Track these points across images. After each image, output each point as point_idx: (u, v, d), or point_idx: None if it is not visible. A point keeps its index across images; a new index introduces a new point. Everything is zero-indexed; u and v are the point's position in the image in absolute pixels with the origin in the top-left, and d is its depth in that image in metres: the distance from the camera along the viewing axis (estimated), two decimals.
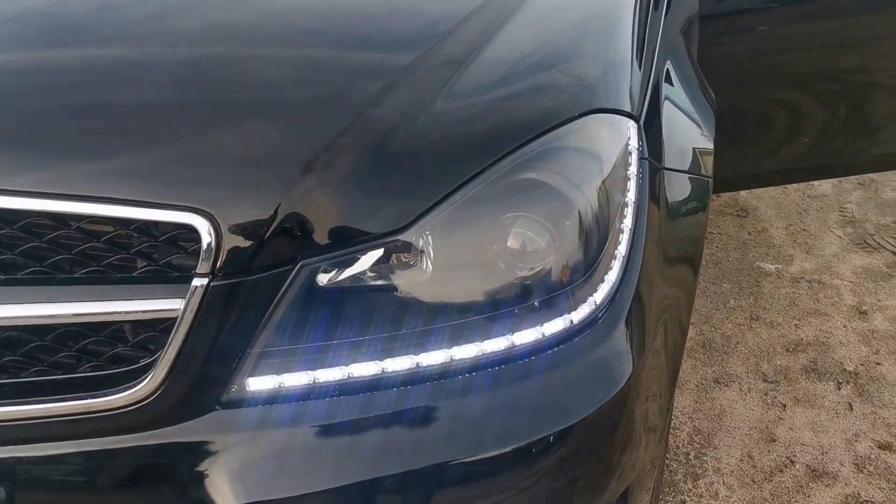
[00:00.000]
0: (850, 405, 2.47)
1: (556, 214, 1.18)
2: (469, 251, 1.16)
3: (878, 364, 2.65)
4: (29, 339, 1.08)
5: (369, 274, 1.11)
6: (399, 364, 1.10)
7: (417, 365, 1.11)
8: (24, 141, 1.10)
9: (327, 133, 1.12)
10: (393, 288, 1.12)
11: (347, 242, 1.09)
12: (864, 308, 2.95)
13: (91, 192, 1.04)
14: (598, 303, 1.17)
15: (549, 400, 1.13)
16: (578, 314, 1.16)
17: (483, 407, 1.11)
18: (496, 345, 1.12)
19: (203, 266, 1.04)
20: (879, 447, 2.30)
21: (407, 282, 1.12)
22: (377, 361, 1.10)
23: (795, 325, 2.86)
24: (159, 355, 1.05)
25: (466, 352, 1.12)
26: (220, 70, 1.25)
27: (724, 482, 2.17)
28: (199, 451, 1.08)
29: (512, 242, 1.16)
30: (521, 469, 1.11)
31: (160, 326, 1.07)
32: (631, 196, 1.26)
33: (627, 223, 1.24)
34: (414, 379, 1.11)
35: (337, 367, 1.10)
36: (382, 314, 1.12)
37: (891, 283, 3.11)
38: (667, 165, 1.41)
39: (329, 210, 1.09)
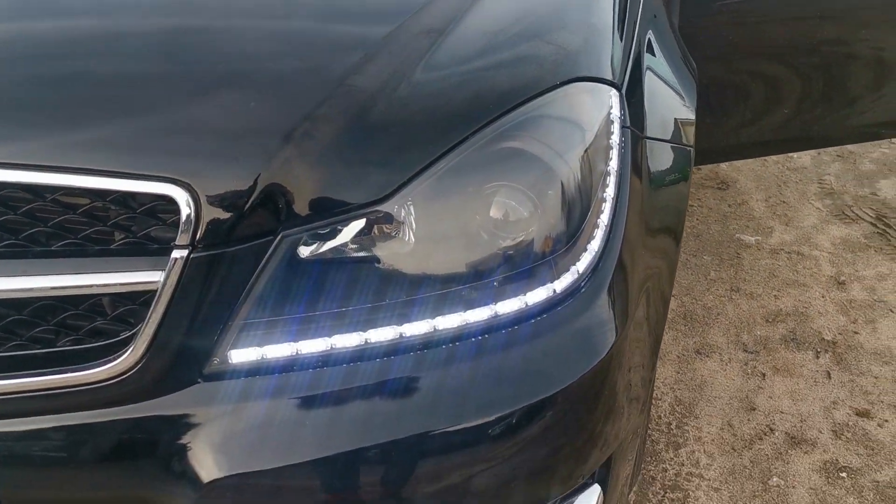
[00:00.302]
0: (829, 374, 2.50)
1: (538, 183, 1.17)
2: (451, 221, 1.15)
3: (855, 333, 2.68)
4: (6, 314, 1.06)
5: (351, 245, 1.10)
6: (382, 335, 1.10)
7: (401, 335, 1.10)
8: None
9: (307, 103, 1.11)
10: (375, 259, 1.11)
11: (328, 213, 1.08)
12: (843, 278, 2.98)
13: (67, 164, 1.02)
14: (580, 272, 1.17)
15: (532, 369, 1.13)
16: (561, 283, 1.16)
17: (466, 377, 1.10)
18: (479, 314, 1.12)
19: (182, 238, 1.03)
20: (857, 414, 2.33)
21: (389, 252, 1.12)
22: (360, 332, 1.09)
23: (775, 295, 2.88)
24: (140, 328, 1.04)
25: (450, 322, 1.11)
26: (199, 41, 1.23)
27: (704, 450, 2.20)
28: (181, 425, 1.07)
29: (494, 212, 1.15)
30: (504, 438, 1.11)
31: (140, 299, 1.06)
32: (613, 165, 1.26)
33: (610, 192, 1.24)
34: (397, 349, 1.10)
35: (320, 339, 1.09)
36: (365, 285, 1.11)
37: (868, 254, 3.13)
38: (649, 135, 1.41)
39: (310, 181, 1.07)
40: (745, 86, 2.54)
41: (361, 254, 1.11)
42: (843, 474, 2.12)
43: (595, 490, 1.27)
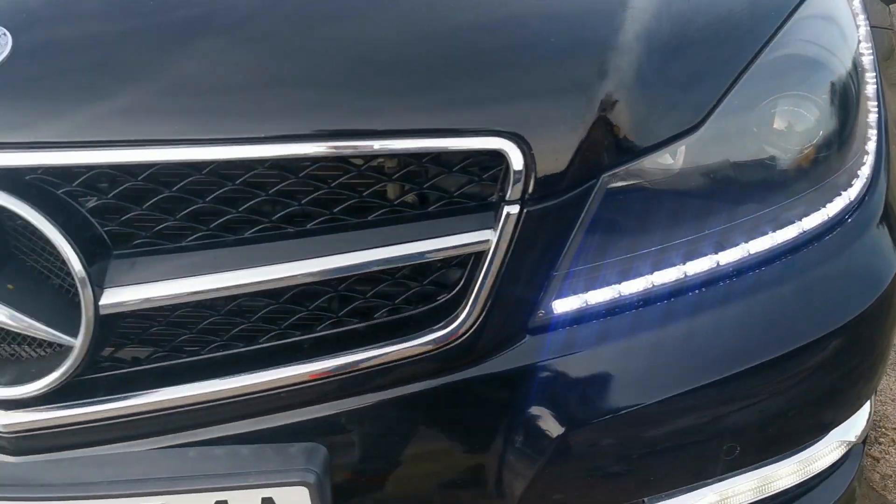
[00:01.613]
0: None
1: (820, 86, 1.13)
2: (750, 140, 1.10)
3: None
4: (323, 292, 1.01)
5: (665, 177, 1.05)
6: (699, 266, 1.07)
7: (717, 264, 1.07)
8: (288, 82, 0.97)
9: (603, 32, 1.03)
10: (686, 189, 1.07)
11: (646, 147, 1.03)
12: None
13: (390, 126, 0.94)
14: (867, 177, 1.16)
15: (841, 284, 1.12)
16: (854, 190, 1.14)
17: (776, 300, 1.09)
18: (787, 234, 1.09)
19: (514, 192, 0.96)
20: None
21: (699, 181, 1.07)
22: (679, 266, 1.06)
23: None
24: (474, 289, 0.99)
25: (760, 244, 1.09)
26: None
27: None
28: (516, 382, 1.04)
29: (779, 124, 1.11)
30: (819, 359, 1.11)
31: (456, 260, 1.01)
32: (868, 58, 1.22)
33: (871, 88, 1.21)
34: (712, 279, 1.08)
35: (640, 278, 1.06)
36: (677, 217, 1.07)
37: None
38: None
39: (626, 115, 1.01)
40: None
41: (674, 185, 1.06)
42: None
43: None
